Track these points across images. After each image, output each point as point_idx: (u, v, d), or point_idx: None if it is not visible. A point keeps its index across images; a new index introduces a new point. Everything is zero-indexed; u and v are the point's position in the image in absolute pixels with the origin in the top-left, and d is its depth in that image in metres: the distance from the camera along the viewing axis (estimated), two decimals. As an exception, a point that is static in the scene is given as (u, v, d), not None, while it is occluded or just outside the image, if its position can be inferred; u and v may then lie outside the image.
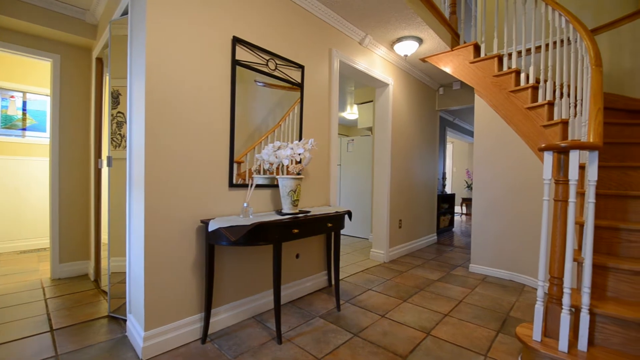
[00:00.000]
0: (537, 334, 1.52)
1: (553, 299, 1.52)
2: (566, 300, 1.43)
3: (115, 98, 2.03)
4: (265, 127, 2.11)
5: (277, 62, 2.17)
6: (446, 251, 4.12)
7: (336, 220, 2.13)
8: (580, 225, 1.76)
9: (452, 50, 3.15)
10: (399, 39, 3.01)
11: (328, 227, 2.07)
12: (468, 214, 8.52)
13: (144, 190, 1.56)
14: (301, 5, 2.36)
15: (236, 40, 1.91)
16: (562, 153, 1.49)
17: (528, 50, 3.34)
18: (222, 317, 1.89)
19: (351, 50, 2.87)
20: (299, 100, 2.34)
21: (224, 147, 1.88)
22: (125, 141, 1.91)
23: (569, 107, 2.21)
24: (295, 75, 2.31)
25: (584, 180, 1.89)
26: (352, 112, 6.31)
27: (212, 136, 1.83)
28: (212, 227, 1.62)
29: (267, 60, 2.10)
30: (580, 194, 1.84)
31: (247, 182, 1.99)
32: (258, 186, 2.08)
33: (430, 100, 4.41)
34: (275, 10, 2.17)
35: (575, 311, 1.50)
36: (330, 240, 2.67)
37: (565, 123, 2.24)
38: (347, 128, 7.97)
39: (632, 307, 1.47)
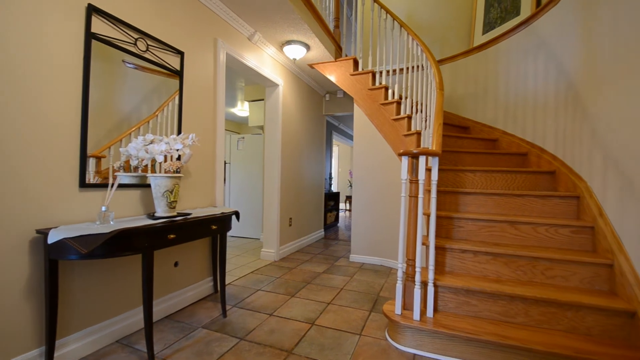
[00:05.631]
0: (398, 308, 1.81)
1: (409, 278, 1.83)
2: (417, 277, 1.75)
3: None
4: (137, 117, 1.82)
5: (149, 43, 1.90)
6: (332, 245, 4.47)
7: (222, 222, 2.02)
8: (427, 216, 2.18)
9: (336, 61, 3.43)
10: (288, 42, 3.09)
11: (212, 229, 1.94)
12: (351, 210, 9.48)
13: None
14: (182, -14, 2.13)
15: (93, 9, 1.57)
16: (414, 158, 1.81)
17: (395, 71, 3.95)
18: (73, 347, 1.53)
19: (240, 45, 2.78)
20: (179, 90, 2.11)
21: (72, 136, 1.51)
22: None
23: (422, 121, 2.71)
24: (173, 61, 2.07)
25: (430, 180, 2.35)
26: (242, 109, 6.13)
27: (55, 122, 1.45)
28: (53, 238, 1.28)
29: (136, 39, 1.81)
30: (427, 191, 2.29)
31: (110, 182, 1.67)
32: (124, 186, 1.77)
33: (318, 104, 4.70)
34: (148, -15, 1.89)
35: (424, 285, 1.85)
36: (216, 243, 2.51)
37: (419, 134, 2.74)
38: (239, 125, 7.71)
39: (461, 277, 1.91)
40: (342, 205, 10.19)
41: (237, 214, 2.19)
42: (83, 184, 1.55)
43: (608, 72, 1.86)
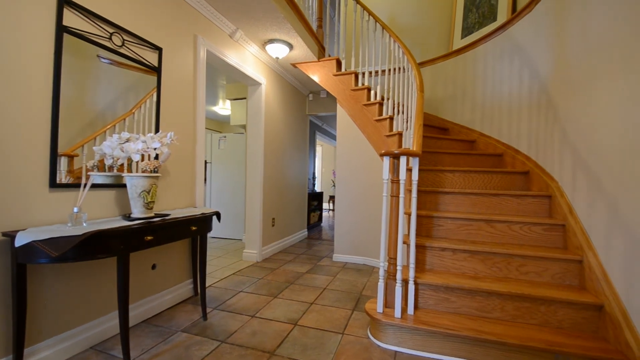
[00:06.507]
0: (380, 306, 1.83)
1: (391, 276, 1.86)
2: (398, 275, 1.78)
3: None
4: (113, 114, 1.75)
5: (125, 38, 1.83)
6: (315, 245, 4.47)
7: (202, 223, 1.98)
8: (408, 215, 2.22)
9: (319, 61, 3.43)
10: (271, 40, 3.06)
11: (192, 230, 1.89)
12: (334, 210, 9.51)
13: None
14: (160, -20, 2.07)
15: (64, 1, 1.50)
16: (395, 158, 1.83)
17: (377, 72, 4.00)
18: (44, 355, 1.45)
19: (221, 42, 2.73)
20: (157, 86, 2.05)
21: (41, 134, 1.44)
22: None
23: (404, 122, 2.76)
24: (150, 57, 2.00)
25: (410, 180, 2.40)
26: (224, 108, 6.03)
27: (24, 119, 1.37)
28: (21, 240, 1.21)
29: (111, 34, 1.74)
30: (408, 191, 2.33)
31: (82, 181, 1.59)
32: (98, 186, 1.69)
33: (301, 104, 4.68)
34: (124, -23, 1.83)
35: (405, 283, 1.88)
36: (196, 245, 2.45)
37: (400, 134, 2.78)
38: (220, 124, 7.58)
39: (440, 275, 1.95)
40: (325, 205, 10.22)
41: (218, 214, 2.15)
42: (54, 184, 1.48)
43: (577, 77, 1.95)
